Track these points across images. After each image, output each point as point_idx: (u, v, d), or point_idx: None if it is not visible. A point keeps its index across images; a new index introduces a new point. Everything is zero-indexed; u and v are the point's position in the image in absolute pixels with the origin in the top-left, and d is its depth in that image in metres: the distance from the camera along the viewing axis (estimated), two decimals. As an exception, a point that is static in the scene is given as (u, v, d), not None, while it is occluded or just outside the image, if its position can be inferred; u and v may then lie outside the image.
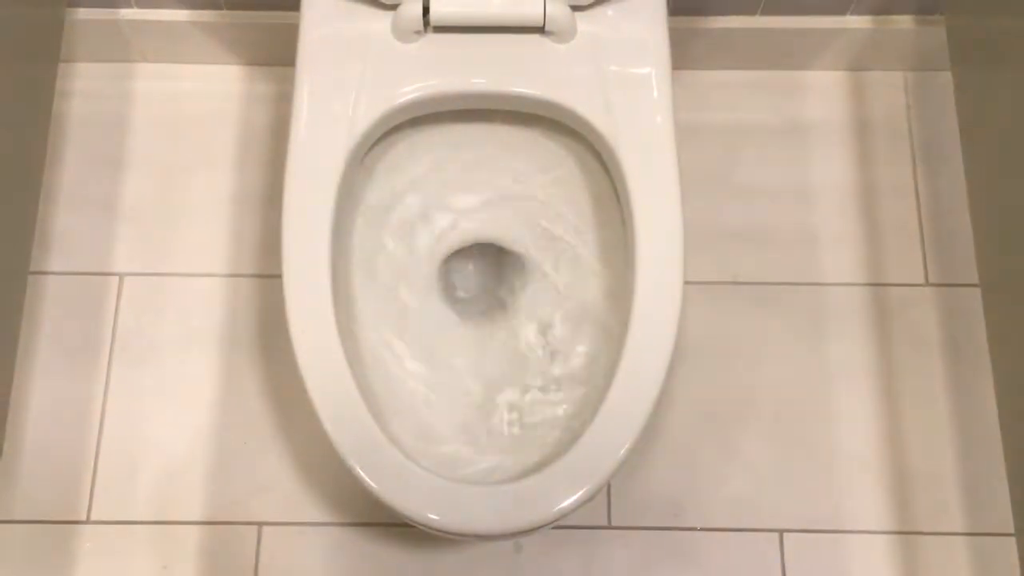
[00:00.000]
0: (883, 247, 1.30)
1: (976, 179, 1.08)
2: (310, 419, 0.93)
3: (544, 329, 1.05)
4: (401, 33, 1.00)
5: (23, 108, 1.08)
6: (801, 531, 1.19)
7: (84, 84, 1.34)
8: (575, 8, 0.99)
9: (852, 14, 1.28)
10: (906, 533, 1.19)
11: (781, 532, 1.20)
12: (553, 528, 1.07)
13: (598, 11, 1.01)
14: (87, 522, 1.19)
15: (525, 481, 0.90)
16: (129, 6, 1.27)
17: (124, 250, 1.28)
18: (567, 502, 0.89)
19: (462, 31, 1.00)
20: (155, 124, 1.33)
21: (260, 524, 1.19)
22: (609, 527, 1.19)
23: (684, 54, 1.30)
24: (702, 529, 1.19)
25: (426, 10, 0.98)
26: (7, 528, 1.18)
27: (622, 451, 0.91)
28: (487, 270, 1.13)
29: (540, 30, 0.99)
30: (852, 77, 1.37)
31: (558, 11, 0.98)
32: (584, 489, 0.89)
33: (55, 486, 1.20)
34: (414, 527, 0.92)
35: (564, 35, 1.00)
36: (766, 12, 1.27)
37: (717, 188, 1.31)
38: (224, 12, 1.27)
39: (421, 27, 0.99)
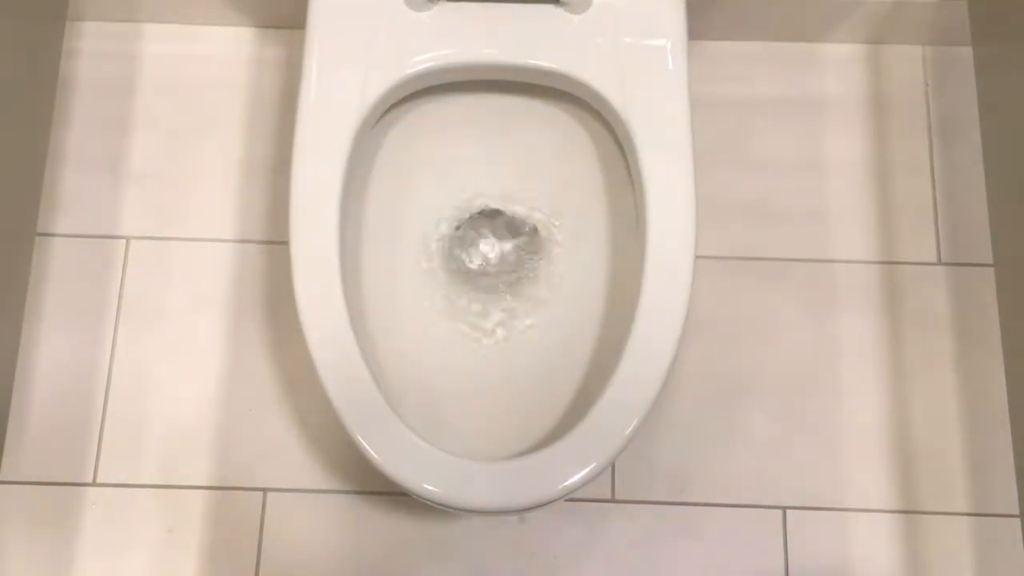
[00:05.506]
0: (896, 224, 1.28)
1: (994, 157, 1.07)
2: (316, 386, 0.93)
3: (548, 298, 1.04)
4: (414, 1, 0.98)
5: (30, 67, 1.07)
6: (804, 508, 1.19)
7: (92, 44, 1.33)
8: (591, -22, 0.98)
9: (872, -14, 1.26)
10: (910, 512, 1.19)
11: (784, 509, 1.20)
12: (557, 501, 1.07)
13: (614, -19, 0.99)
14: (93, 484, 1.19)
15: (531, 457, 0.90)
16: (138, -35, 1.26)
17: (131, 213, 1.28)
18: (573, 479, 0.89)
19: (475, 0, 0.98)
20: (163, 86, 1.32)
21: (265, 490, 1.19)
22: (613, 500, 1.19)
23: (700, 24, 1.28)
24: (706, 504, 1.20)
25: (440, -22, 0.97)
26: (14, 489, 1.19)
27: (629, 428, 0.90)
28: (497, 240, 1.12)
29: (555, 0, 0.98)
30: (870, 50, 1.35)
31: (573, -19, 0.97)
32: (590, 466, 0.89)
33: (61, 448, 1.20)
34: (418, 497, 0.92)
35: (579, 6, 0.98)
36: (784, -17, 1.25)
37: (730, 162, 1.30)
38: (234, -27, 1.26)
39: (434, -5, 0.98)
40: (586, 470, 0.89)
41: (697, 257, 0.96)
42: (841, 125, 1.32)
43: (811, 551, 1.18)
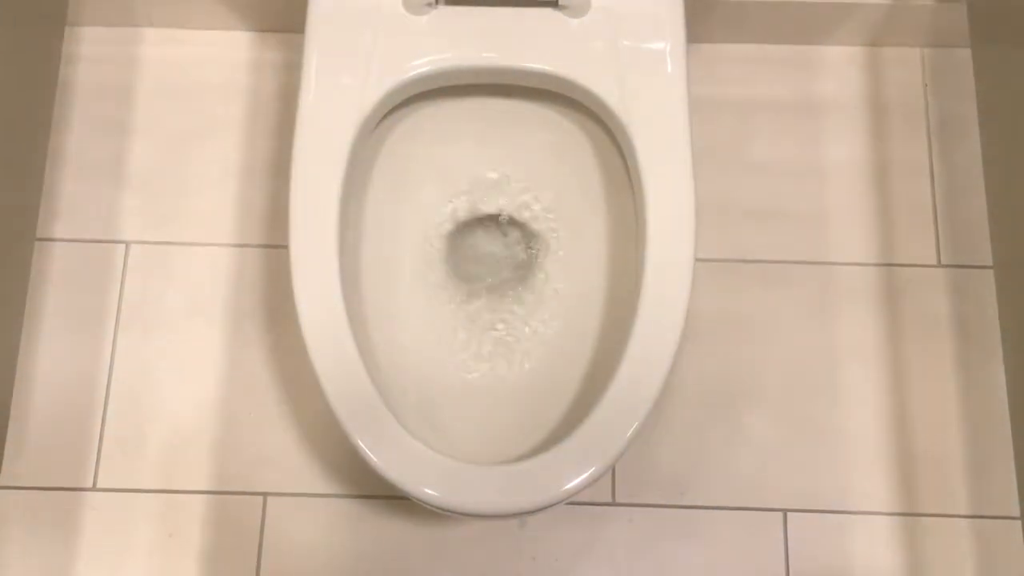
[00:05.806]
0: (896, 226, 1.28)
1: (994, 159, 1.07)
2: (316, 390, 0.93)
3: (548, 301, 1.04)
4: (412, 5, 0.98)
5: (29, 72, 1.07)
6: (805, 511, 1.19)
7: (91, 48, 1.33)
8: (590, -19, 0.98)
9: (870, -11, 1.26)
10: (910, 515, 1.19)
11: (785, 512, 1.19)
12: (557, 505, 1.06)
13: (613, -16, 0.99)
14: (93, 489, 1.19)
15: (531, 461, 0.89)
16: (136, -30, 1.26)
17: (130, 218, 1.28)
18: (573, 483, 0.89)
19: (474, 4, 0.99)
20: (162, 90, 1.32)
21: (265, 495, 1.19)
22: (614, 504, 1.19)
23: (699, 27, 1.28)
24: (706, 507, 1.19)
25: (438, -18, 0.97)
26: (14, 494, 1.19)
27: (630, 431, 0.90)
28: (496, 244, 1.12)
29: (554, 4, 0.98)
30: (868, 53, 1.35)
31: (572, -16, 0.97)
32: (591, 470, 0.89)
33: (61, 453, 1.20)
34: (418, 502, 0.92)
35: (578, 9, 0.98)
36: (783, -15, 1.25)
37: (729, 164, 1.30)
38: (232, -23, 1.26)
39: (433, -1, 0.98)
40: (587, 474, 0.89)
41: (697, 260, 0.96)
42: (840, 127, 1.32)
43: (812, 554, 1.18)
